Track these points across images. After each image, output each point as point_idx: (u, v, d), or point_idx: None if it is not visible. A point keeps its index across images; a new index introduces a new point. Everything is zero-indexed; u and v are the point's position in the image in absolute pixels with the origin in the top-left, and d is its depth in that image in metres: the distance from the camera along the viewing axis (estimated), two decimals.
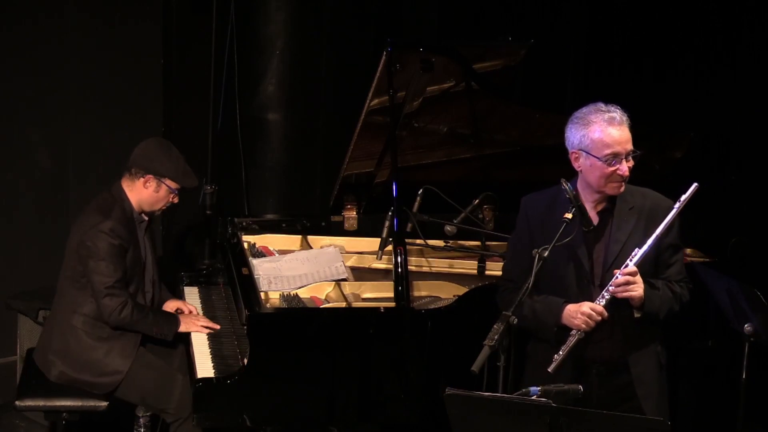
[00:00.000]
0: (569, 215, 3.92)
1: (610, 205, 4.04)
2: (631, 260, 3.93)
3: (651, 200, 4.07)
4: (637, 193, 4.07)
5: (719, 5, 6.21)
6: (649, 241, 3.93)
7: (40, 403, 4.83)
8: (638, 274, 3.93)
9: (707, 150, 5.49)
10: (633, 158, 3.96)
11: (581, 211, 3.97)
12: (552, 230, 3.93)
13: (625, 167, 3.94)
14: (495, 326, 3.72)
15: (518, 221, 4.17)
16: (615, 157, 3.92)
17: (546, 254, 3.88)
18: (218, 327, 4.90)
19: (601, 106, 3.97)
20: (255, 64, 6.17)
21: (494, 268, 5.13)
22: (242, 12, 6.15)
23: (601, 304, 3.94)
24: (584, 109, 3.99)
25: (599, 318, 3.94)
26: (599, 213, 4.05)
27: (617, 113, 3.94)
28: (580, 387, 3.65)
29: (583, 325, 3.93)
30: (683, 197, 3.95)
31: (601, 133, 3.91)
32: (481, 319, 3.93)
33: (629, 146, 3.94)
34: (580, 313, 3.94)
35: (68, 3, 6.37)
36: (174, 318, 4.92)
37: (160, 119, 6.70)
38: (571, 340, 3.94)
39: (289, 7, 6.13)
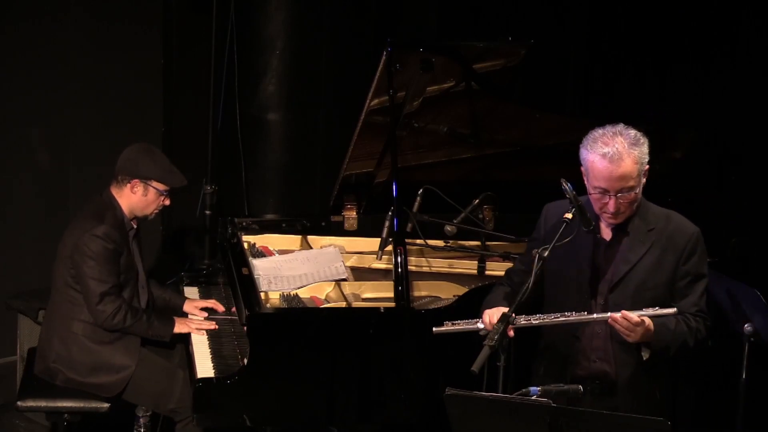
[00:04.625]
0: (569, 215, 3.91)
1: (625, 223, 3.89)
2: (644, 311, 3.75)
3: (674, 224, 3.90)
4: (661, 215, 3.92)
5: (720, 4, 6.21)
6: (668, 311, 3.76)
7: (42, 403, 4.82)
8: (640, 326, 3.76)
9: (708, 150, 5.48)
10: (620, 197, 3.77)
11: (581, 211, 3.96)
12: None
13: (612, 204, 3.79)
14: (495, 326, 3.72)
15: (536, 227, 4.10)
16: (603, 192, 3.79)
17: (546, 254, 3.87)
18: (214, 326, 4.88)
19: (609, 132, 3.78)
20: (255, 63, 6.17)
21: (494, 268, 5.13)
22: (242, 12, 6.15)
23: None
24: (599, 131, 3.81)
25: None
26: (613, 229, 3.91)
27: (613, 148, 3.73)
28: (580, 387, 3.65)
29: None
30: None
31: (592, 164, 3.78)
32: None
33: (619, 184, 3.75)
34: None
35: (69, 3, 6.38)
36: (169, 320, 4.90)
37: (160, 119, 6.70)
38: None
39: (289, 7, 6.14)
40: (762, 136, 6.00)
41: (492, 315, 3.85)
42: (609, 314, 3.78)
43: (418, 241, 5.06)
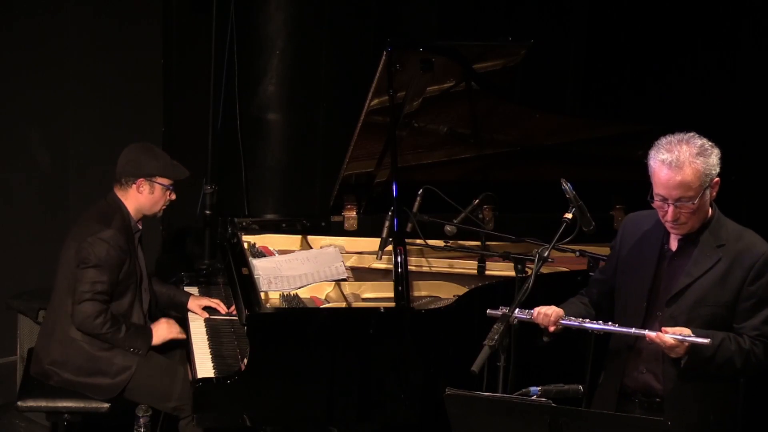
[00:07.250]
0: (569, 215, 3.90)
1: (695, 235, 3.79)
2: (684, 335, 3.63)
3: (745, 242, 3.77)
4: (734, 231, 3.80)
5: (720, 5, 6.20)
6: (703, 340, 3.63)
7: (42, 404, 4.82)
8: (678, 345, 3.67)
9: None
10: (678, 206, 3.68)
11: (581, 211, 3.95)
12: (637, 247, 3.85)
13: (670, 213, 3.70)
14: (495, 326, 3.71)
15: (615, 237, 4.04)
16: (662, 200, 3.71)
17: (546, 254, 3.87)
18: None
19: (676, 139, 3.71)
20: (255, 63, 6.17)
21: (494, 268, 5.13)
22: (242, 12, 6.15)
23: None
24: (668, 137, 3.74)
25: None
26: (680, 240, 3.81)
27: (674, 155, 3.66)
28: (580, 387, 3.65)
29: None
30: None
31: (653, 170, 3.71)
32: (481, 319, 3.94)
33: (677, 193, 3.67)
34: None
35: (69, 2, 6.38)
36: (147, 332, 4.84)
37: (160, 119, 6.71)
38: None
39: (289, 7, 6.13)
40: (762, 136, 5.99)
41: (542, 309, 3.86)
42: (646, 331, 3.71)
43: (418, 241, 5.06)
